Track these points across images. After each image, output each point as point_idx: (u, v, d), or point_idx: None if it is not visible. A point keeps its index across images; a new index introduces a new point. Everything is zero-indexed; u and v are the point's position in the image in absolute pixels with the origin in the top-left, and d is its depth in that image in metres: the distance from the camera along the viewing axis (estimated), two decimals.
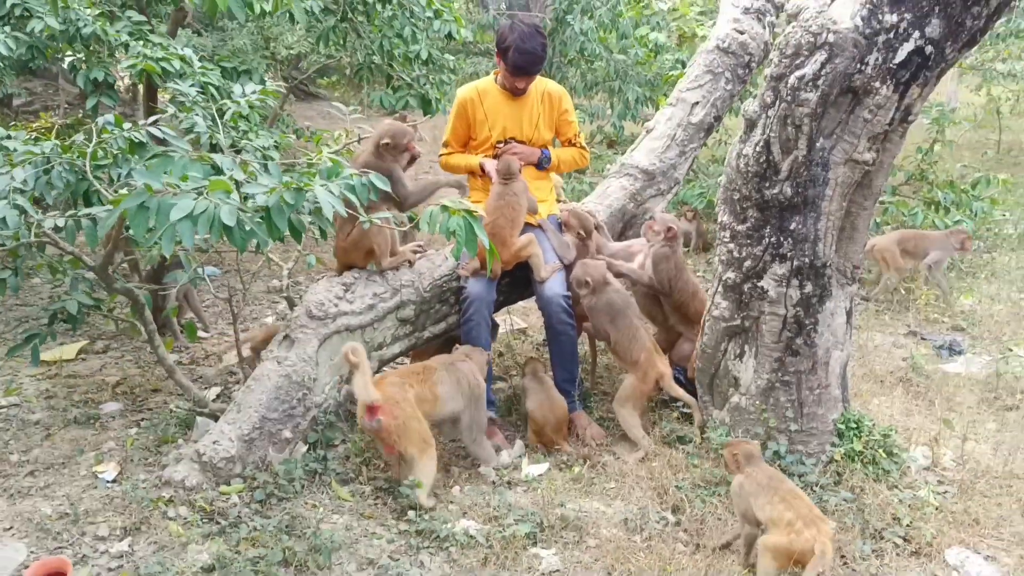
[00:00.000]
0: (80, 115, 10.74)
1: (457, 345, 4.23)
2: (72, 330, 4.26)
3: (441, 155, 4.77)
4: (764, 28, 5.39)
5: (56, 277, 4.28)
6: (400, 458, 3.63)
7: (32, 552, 3.16)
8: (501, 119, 4.55)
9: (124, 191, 3.65)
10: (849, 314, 3.94)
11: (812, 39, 3.42)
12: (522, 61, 4.35)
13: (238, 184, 2.90)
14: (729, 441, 3.58)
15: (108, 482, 3.68)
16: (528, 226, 4.46)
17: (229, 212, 2.61)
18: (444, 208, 3.11)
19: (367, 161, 4.08)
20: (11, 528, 3.33)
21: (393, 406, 3.58)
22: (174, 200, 2.67)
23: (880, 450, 3.84)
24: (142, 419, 4.28)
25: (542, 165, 4.64)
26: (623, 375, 4.47)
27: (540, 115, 4.56)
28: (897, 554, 3.34)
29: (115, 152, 3.96)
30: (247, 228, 2.67)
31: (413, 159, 4.27)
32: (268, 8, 5.14)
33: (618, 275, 4.55)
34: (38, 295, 5.83)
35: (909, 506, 3.57)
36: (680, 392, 4.26)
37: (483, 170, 4.54)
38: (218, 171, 3.05)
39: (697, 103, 5.29)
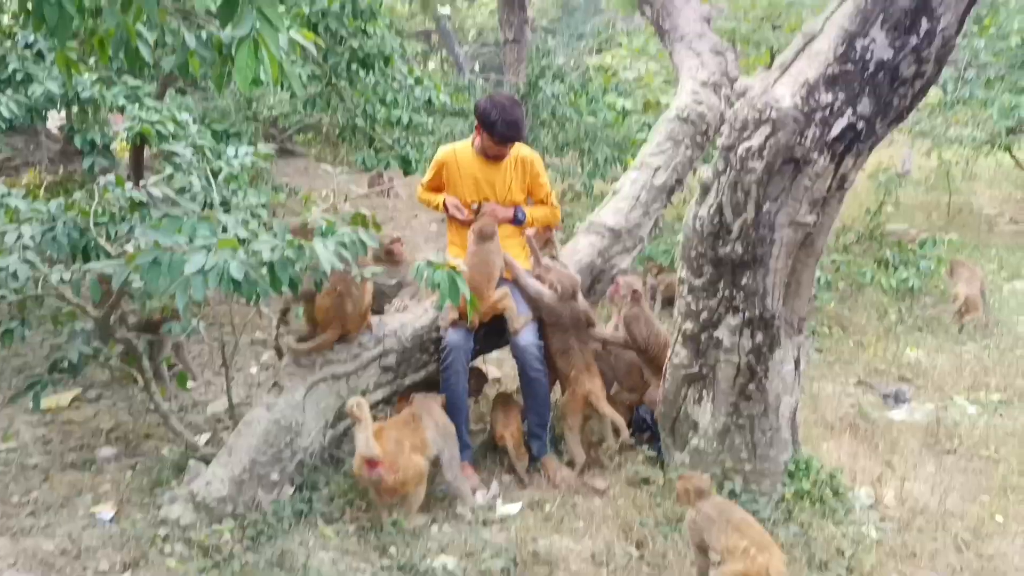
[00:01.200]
0: (61, 171, 11.01)
1: (412, 396, 4.44)
2: (72, 377, 4.50)
3: (420, 184, 5.17)
4: (720, 100, 5.82)
5: (58, 328, 4.52)
6: (399, 498, 3.93)
7: None
8: (476, 181, 4.89)
9: (128, 247, 3.96)
10: (797, 362, 4.28)
11: (757, 115, 3.81)
12: (510, 131, 4.69)
13: (242, 241, 3.21)
14: (682, 474, 3.88)
15: (106, 521, 3.89)
16: (503, 280, 4.78)
17: (238, 267, 2.92)
18: (430, 263, 3.44)
19: None
20: (15, 563, 3.53)
21: (393, 460, 3.85)
22: (186, 256, 2.98)
23: (827, 489, 4.16)
24: (136, 463, 4.50)
25: (518, 221, 4.98)
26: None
27: (513, 179, 4.92)
28: None
29: (115, 211, 4.27)
30: (253, 280, 2.97)
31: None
32: (269, 81, 5.51)
33: (599, 341, 4.91)
34: (32, 346, 6.04)
35: (852, 540, 3.88)
36: (608, 409, 4.58)
37: (445, 208, 4.91)
38: (224, 229, 3.36)
39: (659, 167, 5.68)
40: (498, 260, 4.66)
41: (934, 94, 12.80)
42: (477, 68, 27.34)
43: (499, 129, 4.67)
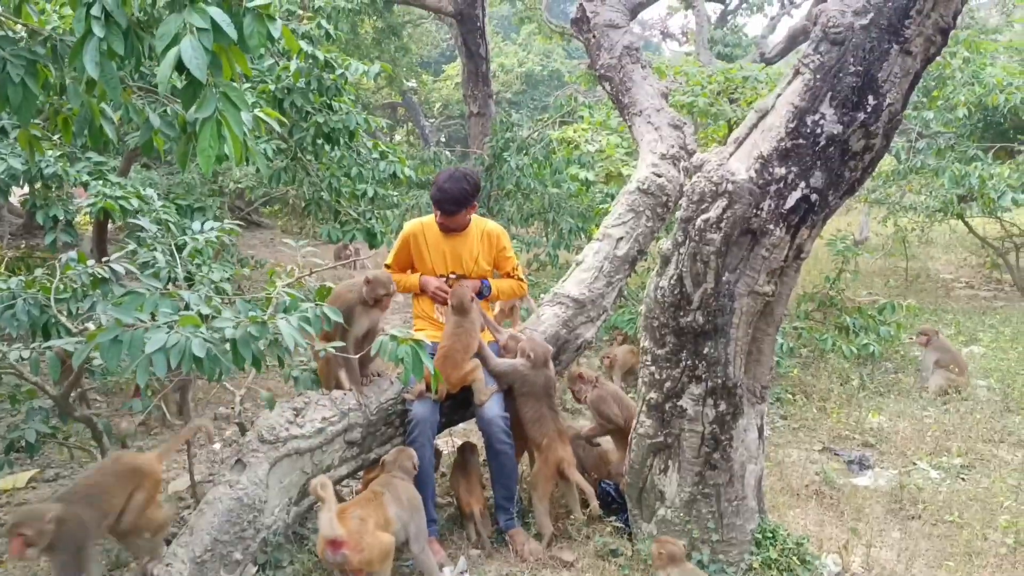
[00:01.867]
0: (23, 246, 10.93)
1: (383, 459, 4.41)
2: (30, 457, 4.42)
3: (386, 265, 5.17)
4: (679, 172, 5.97)
5: (15, 406, 4.45)
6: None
7: None
8: (442, 254, 4.95)
9: (90, 324, 3.93)
10: (760, 430, 4.32)
11: (714, 187, 3.92)
12: (437, 196, 4.82)
13: (204, 318, 3.21)
14: (658, 538, 3.87)
15: None
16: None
17: (199, 344, 2.92)
18: (393, 337, 3.45)
19: (340, 294, 4.50)
20: None
21: (358, 540, 3.77)
22: (147, 335, 2.97)
23: (794, 557, 4.16)
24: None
25: (483, 294, 5.02)
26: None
27: (480, 252, 4.99)
28: None
29: (76, 287, 4.24)
30: (214, 357, 2.96)
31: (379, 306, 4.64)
32: (234, 161, 5.56)
33: (578, 437, 5.01)
34: None
35: None
36: (579, 478, 4.62)
37: (422, 289, 4.95)
38: (186, 306, 3.35)
39: (622, 238, 5.78)
40: (475, 333, 4.72)
41: (888, 162, 13.19)
42: (443, 140, 27.76)
43: (432, 192, 4.83)
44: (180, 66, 2.64)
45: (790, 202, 3.90)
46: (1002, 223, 11.78)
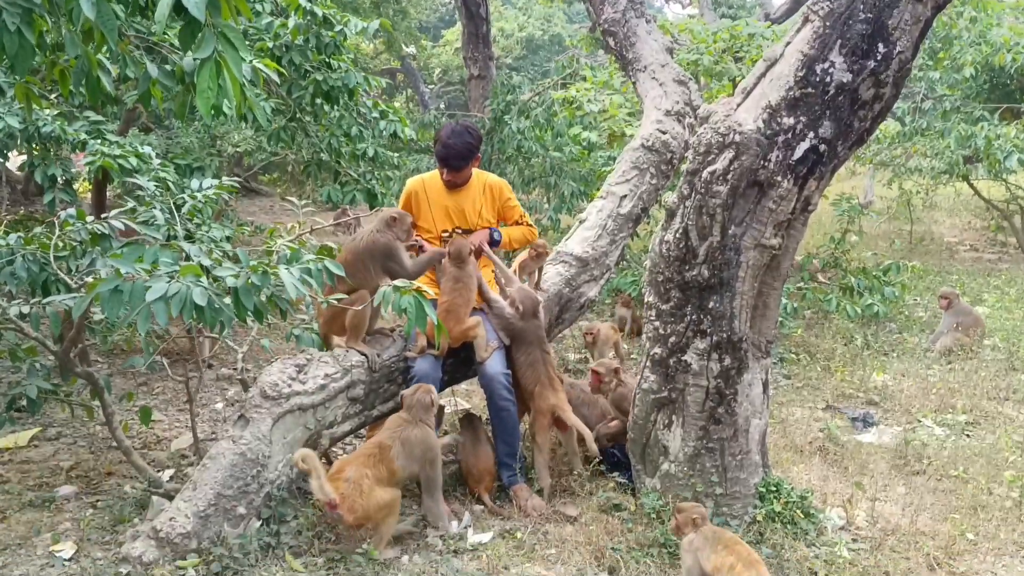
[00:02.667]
0: (21, 212, 10.88)
1: (402, 394, 4.42)
2: (32, 414, 4.40)
3: None
4: (684, 128, 5.90)
5: (16, 363, 4.42)
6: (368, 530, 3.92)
7: None
8: (446, 209, 4.90)
9: (89, 279, 3.90)
10: (765, 385, 4.30)
11: (721, 139, 3.86)
12: (443, 153, 4.77)
13: (206, 269, 3.17)
14: (681, 505, 3.85)
15: (66, 560, 3.78)
16: (476, 310, 4.78)
17: (201, 293, 2.88)
18: (396, 288, 3.41)
19: (373, 240, 4.46)
20: None
21: (350, 501, 3.81)
22: (149, 283, 2.93)
23: (798, 511, 4.15)
24: (97, 500, 4.39)
25: (495, 241, 4.99)
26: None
27: (483, 204, 4.94)
28: None
29: (76, 243, 4.20)
30: (216, 307, 2.93)
31: (413, 247, 4.68)
32: (231, 112, 5.49)
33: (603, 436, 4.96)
34: None
35: (825, 561, 3.87)
36: (574, 419, 4.61)
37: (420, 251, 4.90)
38: (187, 258, 3.31)
39: (625, 196, 5.73)
40: (474, 284, 4.69)
41: (892, 126, 13.10)
42: (442, 106, 27.55)
43: (436, 149, 4.80)
44: (179, 7, 2.58)
45: (798, 153, 3.84)
46: (1007, 185, 11.70)
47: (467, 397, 6.19)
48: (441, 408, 4.94)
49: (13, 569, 3.70)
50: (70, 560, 3.78)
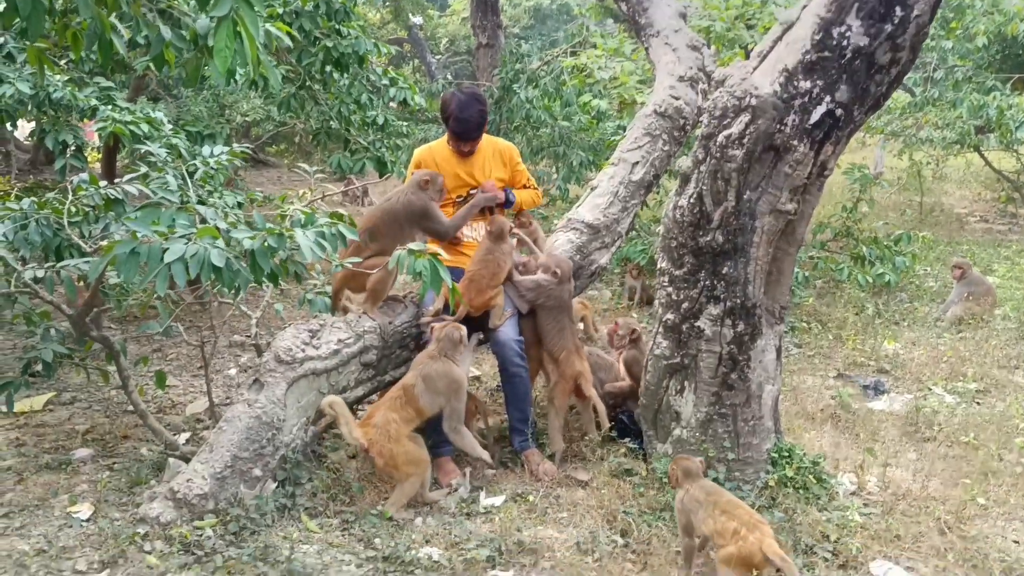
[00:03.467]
0: (32, 180, 10.89)
1: (432, 326, 4.47)
2: (47, 378, 4.43)
3: None
4: (697, 95, 5.86)
5: (31, 327, 4.45)
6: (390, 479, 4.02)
7: None
8: (456, 176, 4.90)
9: (104, 243, 3.90)
10: (779, 351, 4.30)
11: (737, 102, 3.84)
12: (460, 128, 4.77)
13: (222, 231, 3.17)
14: (676, 456, 3.89)
15: (83, 521, 3.82)
16: None
17: (218, 255, 2.89)
18: (411, 252, 3.42)
19: (408, 200, 4.51)
20: None
21: (381, 446, 3.93)
22: (166, 245, 2.93)
23: (810, 476, 4.17)
24: (114, 463, 4.43)
25: (509, 202, 5.01)
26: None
27: (493, 167, 4.96)
28: (826, 567, 3.64)
29: (89, 209, 4.20)
30: (234, 269, 2.94)
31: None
32: (245, 76, 5.47)
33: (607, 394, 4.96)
34: (1, 350, 5.95)
35: (837, 525, 3.88)
36: (594, 395, 4.64)
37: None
38: (203, 221, 3.32)
39: (637, 163, 5.70)
40: (507, 262, 4.70)
41: (903, 97, 13.00)
42: (450, 76, 27.37)
43: (451, 126, 4.79)
44: None
45: (815, 117, 3.81)
46: (1018, 156, 11.63)
47: (477, 365, 6.20)
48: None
49: (32, 529, 3.74)
50: (88, 521, 3.83)
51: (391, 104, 8.17)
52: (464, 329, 4.36)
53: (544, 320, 4.75)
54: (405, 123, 8.33)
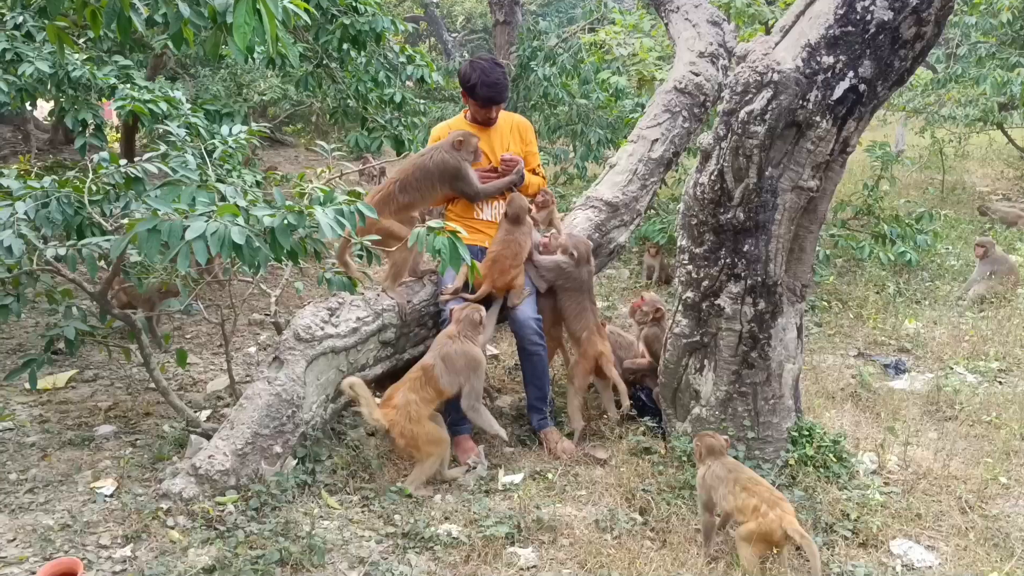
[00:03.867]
0: (52, 159, 10.94)
1: (451, 309, 4.48)
2: (70, 354, 4.46)
3: None
4: (718, 71, 5.80)
5: (52, 305, 4.48)
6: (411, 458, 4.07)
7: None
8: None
9: (125, 222, 3.91)
10: (800, 329, 4.27)
11: (759, 78, 3.79)
12: (490, 92, 4.73)
13: (242, 209, 3.17)
14: (700, 433, 3.90)
15: (106, 496, 3.86)
16: None
17: (239, 232, 2.89)
18: (430, 229, 3.41)
19: (443, 159, 4.53)
20: (14, 539, 3.50)
21: (402, 427, 3.96)
22: (187, 223, 2.94)
23: (831, 455, 4.16)
24: (136, 439, 4.47)
25: (521, 178, 4.99)
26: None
27: (510, 143, 4.93)
28: (846, 545, 3.64)
29: (109, 187, 4.21)
30: (255, 247, 2.94)
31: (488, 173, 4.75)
32: (264, 54, 5.44)
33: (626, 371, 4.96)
34: (24, 328, 6.00)
35: (857, 503, 3.87)
36: (615, 374, 4.66)
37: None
38: (223, 199, 3.32)
39: (657, 140, 5.66)
40: (527, 242, 4.70)
41: (925, 74, 12.84)
42: (466, 54, 27.24)
43: (479, 92, 4.72)
44: None
45: (837, 92, 3.77)
46: None
47: (495, 343, 6.20)
48: None
49: (56, 504, 3.79)
50: (111, 496, 3.87)
51: (408, 83, 8.15)
52: (483, 310, 4.36)
53: (564, 301, 4.75)
54: (422, 101, 8.30)
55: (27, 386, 4.57)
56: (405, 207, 4.50)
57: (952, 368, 5.87)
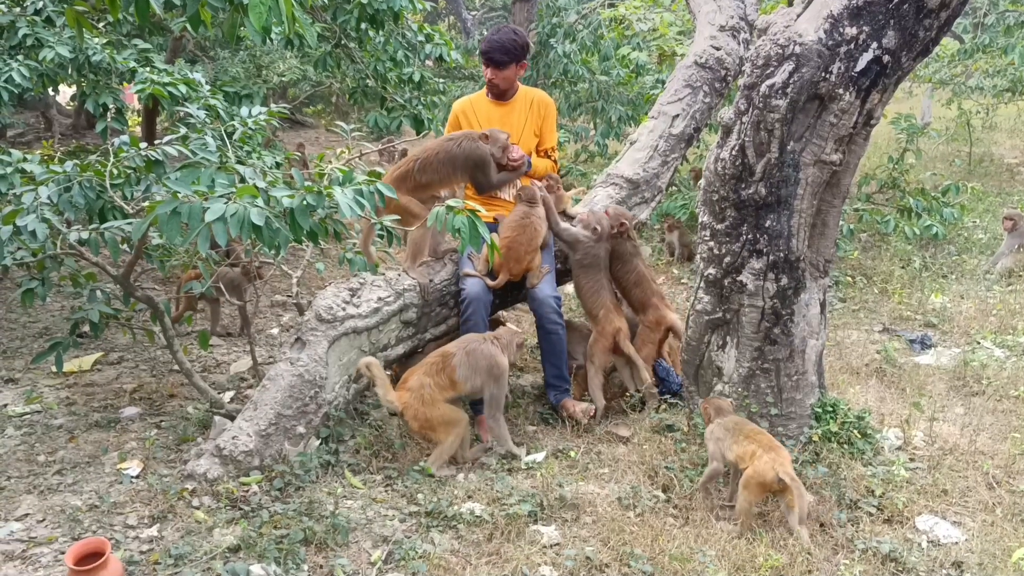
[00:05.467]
0: (75, 145, 11.02)
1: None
2: (95, 337, 4.50)
3: None
4: (739, 44, 5.72)
5: (77, 289, 4.52)
6: (430, 440, 4.07)
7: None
8: (492, 126, 4.85)
9: (145, 205, 3.93)
10: (823, 305, 4.23)
11: (780, 51, 3.73)
12: (486, 47, 4.75)
13: (262, 190, 3.17)
14: (709, 398, 3.97)
15: (133, 478, 3.91)
16: None
17: (258, 213, 2.89)
18: (449, 208, 3.40)
19: (473, 147, 4.53)
20: (44, 520, 3.55)
21: (415, 410, 3.95)
22: (207, 205, 2.94)
23: (855, 431, 4.12)
24: (161, 421, 4.52)
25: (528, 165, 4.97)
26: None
27: (528, 120, 4.91)
28: (871, 521, 3.61)
29: (130, 171, 4.23)
30: (274, 228, 2.94)
31: (505, 167, 4.71)
32: (281, 34, 5.44)
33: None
34: (49, 312, 6.06)
35: (882, 480, 3.84)
36: (632, 350, 4.67)
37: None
38: (242, 180, 3.32)
39: (677, 115, 5.60)
40: (542, 227, 4.69)
41: (951, 45, 12.62)
42: (486, 33, 27.02)
43: (482, 48, 4.76)
44: None
45: (861, 64, 3.70)
46: None
47: (516, 322, 6.20)
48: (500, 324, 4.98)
49: (84, 485, 3.84)
50: (137, 477, 3.92)
51: (427, 62, 8.12)
52: (524, 338, 4.41)
53: (581, 278, 4.75)
54: (442, 80, 8.26)
55: (54, 369, 4.62)
56: (422, 187, 4.50)
57: (979, 343, 5.80)
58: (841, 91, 3.73)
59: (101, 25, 6.43)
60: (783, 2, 8.69)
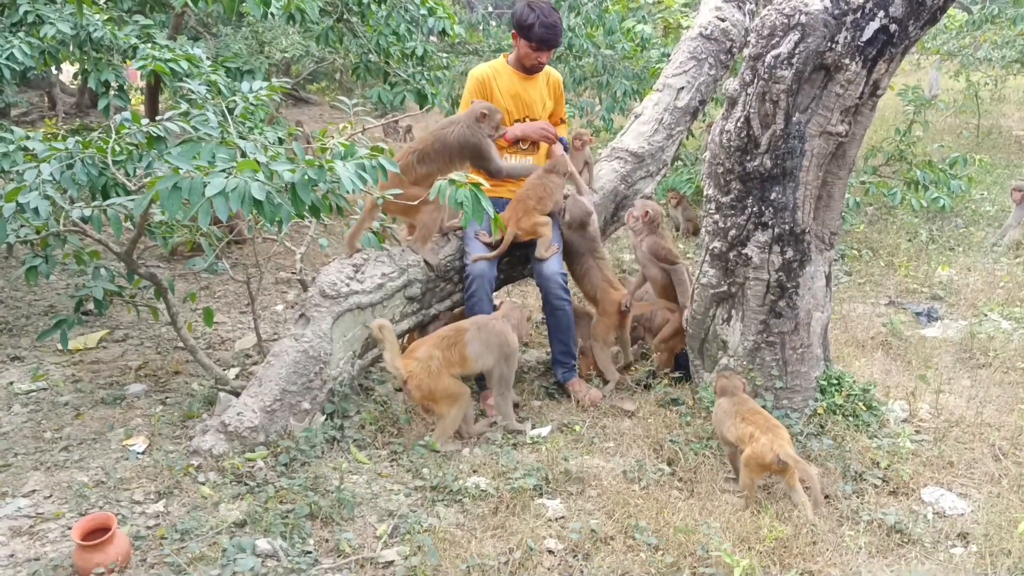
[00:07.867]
0: (77, 123, 11.00)
1: (502, 301, 4.53)
2: (99, 314, 4.51)
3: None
4: (744, 16, 5.66)
5: (80, 267, 4.52)
6: (431, 413, 4.05)
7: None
8: (516, 98, 4.81)
9: (147, 180, 3.92)
10: (828, 278, 4.21)
11: (786, 20, 3.69)
12: (548, 34, 4.63)
13: (263, 165, 3.15)
14: (723, 372, 3.97)
15: (139, 454, 3.92)
16: None
17: (259, 188, 2.88)
18: (452, 182, 3.38)
19: (463, 134, 4.42)
20: (51, 496, 3.57)
21: (420, 380, 3.92)
22: (207, 179, 2.93)
23: (860, 403, 4.11)
24: (166, 398, 4.53)
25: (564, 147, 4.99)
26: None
27: (546, 95, 4.90)
28: (876, 493, 3.61)
29: (132, 147, 4.21)
30: (275, 203, 2.93)
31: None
32: (282, 9, 5.40)
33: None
34: (54, 289, 6.07)
35: (887, 452, 3.84)
36: (626, 328, 4.77)
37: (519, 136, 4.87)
38: (243, 155, 3.30)
39: (682, 88, 5.55)
40: (557, 193, 4.68)
41: (959, 16, 12.48)
42: (490, 8, 26.85)
43: (536, 32, 4.60)
44: None
45: (867, 33, 3.66)
46: None
47: (522, 297, 6.19)
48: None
49: (90, 462, 3.85)
50: (143, 453, 3.93)
51: (431, 38, 8.05)
52: (530, 312, 4.41)
53: (570, 265, 4.82)
54: (445, 55, 8.21)
55: (59, 347, 4.62)
56: (424, 177, 4.35)
57: (986, 315, 5.78)
58: (847, 61, 3.69)
59: (102, 1, 6.39)
60: None
